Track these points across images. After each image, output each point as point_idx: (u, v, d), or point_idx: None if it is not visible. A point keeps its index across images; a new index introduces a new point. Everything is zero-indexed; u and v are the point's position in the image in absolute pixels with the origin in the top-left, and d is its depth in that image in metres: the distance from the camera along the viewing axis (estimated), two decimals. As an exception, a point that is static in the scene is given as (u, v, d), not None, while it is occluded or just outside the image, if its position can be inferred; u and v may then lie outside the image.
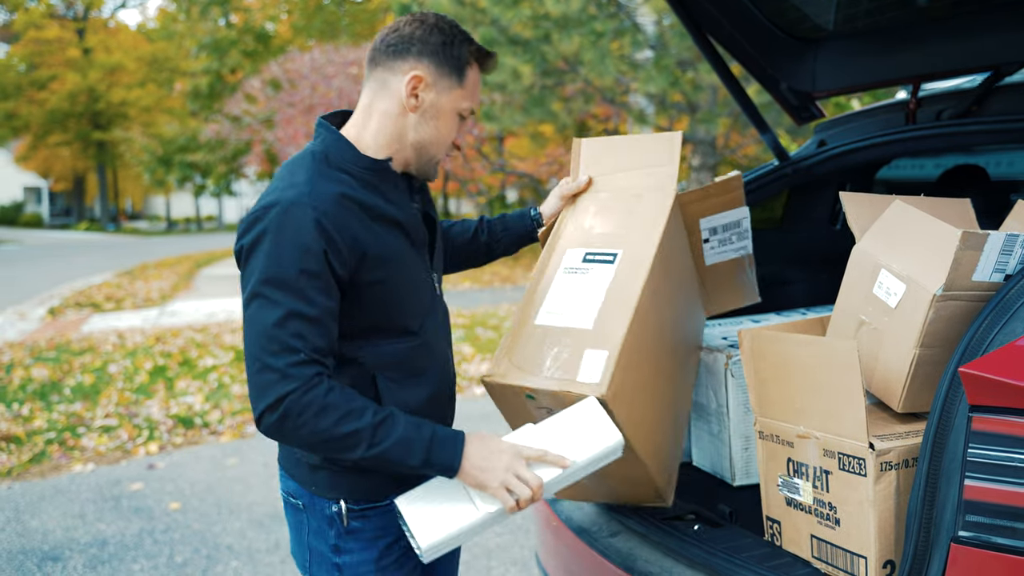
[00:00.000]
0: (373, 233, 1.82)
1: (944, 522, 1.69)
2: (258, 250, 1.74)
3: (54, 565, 4.30)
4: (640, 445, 2.07)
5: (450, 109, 1.92)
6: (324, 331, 1.74)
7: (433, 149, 1.93)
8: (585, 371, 1.94)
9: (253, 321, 1.72)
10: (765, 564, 2.08)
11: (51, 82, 41.79)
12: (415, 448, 1.75)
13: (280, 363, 1.68)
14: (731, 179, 2.39)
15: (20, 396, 7.63)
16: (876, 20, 2.85)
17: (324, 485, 1.92)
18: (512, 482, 1.77)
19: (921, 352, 1.96)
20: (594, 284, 2.11)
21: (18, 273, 19.99)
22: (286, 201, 1.74)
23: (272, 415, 1.69)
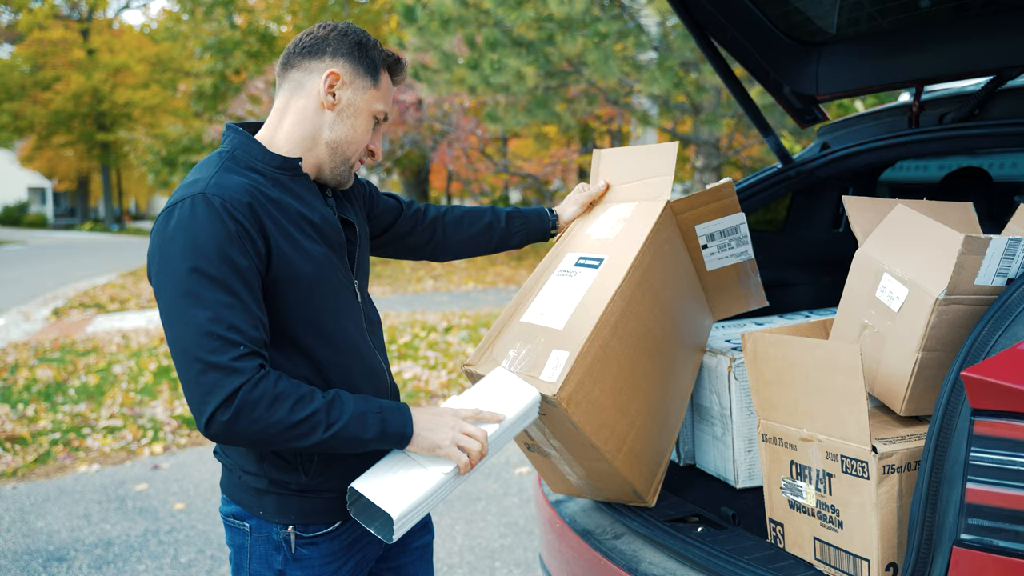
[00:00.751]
0: (283, 230, 1.78)
1: (946, 525, 1.70)
2: (171, 246, 1.68)
3: (59, 565, 4.31)
4: (604, 443, 2.13)
5: (366, 109, 1.91)
6: (256, 321, 1.70)
7: (348, 149, 1.92)
8: (548, 369, 2.01)
9: (183, 322, 1.65)
10: (768, 566, 2.09)
11: (55, 83, 41.88)
12: (369, 421, 1.75)
13: (223, 359, 1.63)
14: (722, 186, 2.42)
15: (25, 397, 7.65)
16: (879, 23, 2.86)
17: (272, 510, 1.89)
18: (461, 438, 1.82)
19: (923, 356, 1.97)
20: (577, 287, 2.20)
21: (23, 274, 20.03)
22: (191, 196, 1.71)
23: (225, 414, 1.63)
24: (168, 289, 1.68)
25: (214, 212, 1.68)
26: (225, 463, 1.95)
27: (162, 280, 1.70)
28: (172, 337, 1.68)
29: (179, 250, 1.67)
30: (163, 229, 1.71)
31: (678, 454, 2.85)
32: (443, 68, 11.57)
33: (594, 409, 2.08)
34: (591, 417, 2.08)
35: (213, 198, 1.70)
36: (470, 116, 17.81)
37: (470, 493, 5.20)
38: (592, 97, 12.34)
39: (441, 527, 4.66)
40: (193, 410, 1.66)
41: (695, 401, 2.75)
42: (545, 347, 2.07)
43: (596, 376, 2.07)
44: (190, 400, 1.66)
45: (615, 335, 2.13)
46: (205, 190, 1.71)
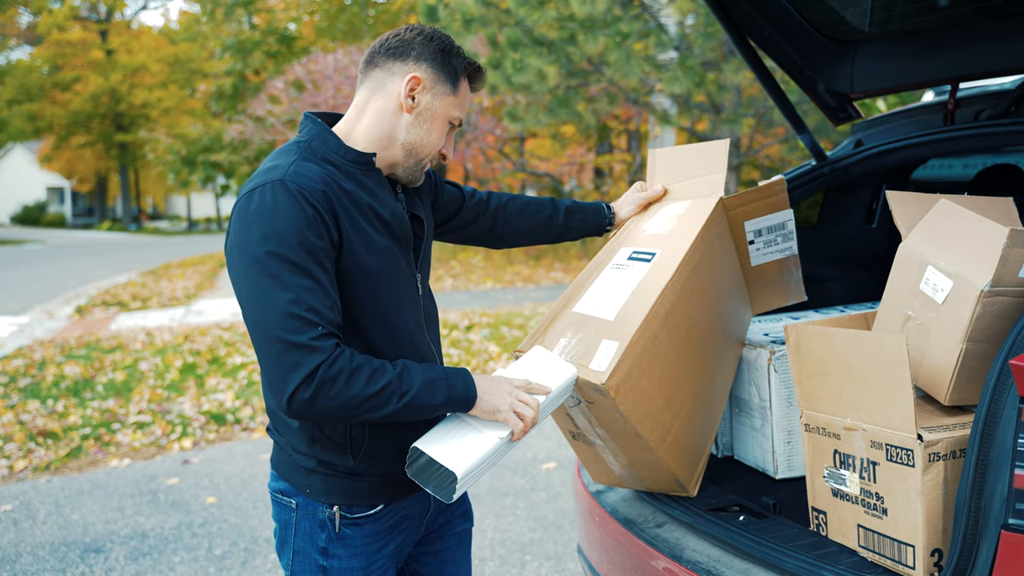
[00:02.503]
0: (354, 222, 1.84)
1: (993, 511, 1.74)
2: (252, 230, 1.75)
3: (96, 557, 4.38)
4: (650, 433, 2.18)
5: (443, 115, 1.97)
6: (332, 303, 1.76)
7: (422, 151, 1.98)
8: (598, 359, 2.07)
9: (264, 304, 1.72)
10: (812, 553, 2.13)
11: (74, 83, 42.19)
12: (437, 387, 1.82)
13: (304, 339, 1.69)
14: (774, 183, 2.46)
15: (54, 393, 7.74)
16: (913, 22, 2.89)
17: (319, 490, 1.96)
18: (518, 405, 1.88)
19: (968, 347, 2.01)
20: (629, 280, 2.24)
21: (43, 272, 20.18)
22: (270, 182, 1.78)
23: (306, 391, 1.68)
24: (249, 272, 1.74)
25: (292, 198, 1.75)
26: (277, 440, 2.01)
27: (243, 264, 1.76)
28: (252, 319, 1.74)
29: (259, 235, 1.73)
30: (243, 214, 1.78)
31: (716, 446, 2.89)
32: (464, 68, 11.58)
33: (641, 399, 2.13)
34: (638, 407, 2.12)
35: (291, 185, 1.76)
36: (488, 115, 17.87)
37: (498, 488, 5.25)
38: (613, 96, 12.36)
39: (471, 521, 4.71)
40: (274, 389, 1.72)
41: (734, 393, 2.79)
42: (596, 337, 2.12)
43: (644, 367, 2.12)
44: (271, 380, 1.72)
45: (664, 327, 2.18)
46: (284, 177, 1.77)
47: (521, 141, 21.56)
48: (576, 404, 2.20)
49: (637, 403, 2.12)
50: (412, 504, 2.07)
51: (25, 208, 53.34)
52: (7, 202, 54.23)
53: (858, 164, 3.18)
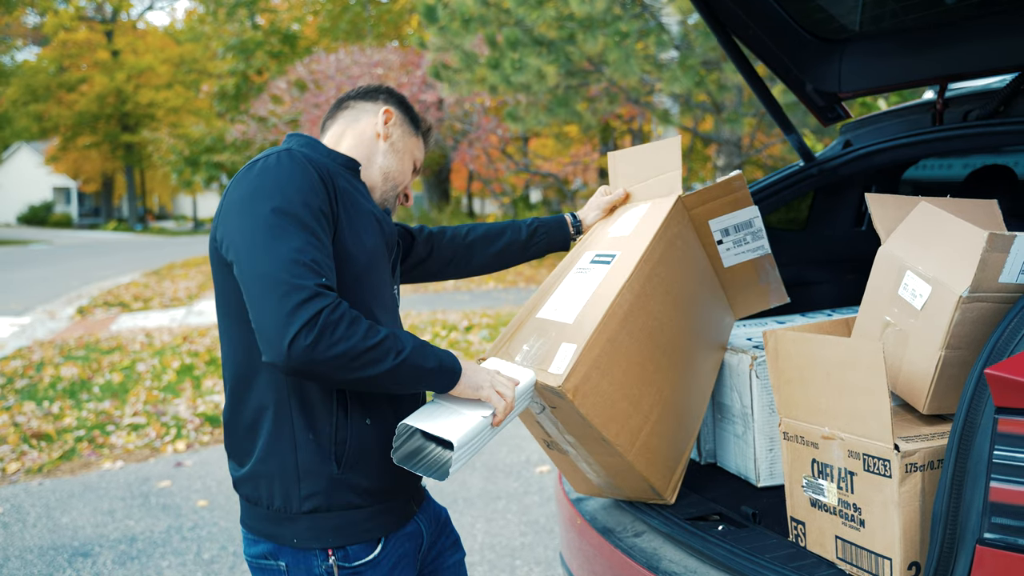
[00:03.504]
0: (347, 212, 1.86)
1: (970, 524, 1.69)
2: (258, 192, 1.74)
3: (84, 561, 4.35)
4: (616, 437, 2.14)
5: (410, 152, 2.14)
6: (332, 267, 1.74)
7: (396, 179, 2.10)
8: (556, 362, 2.04)
9: (267, 252, 1.68)
10: (789, 565, 2.08)
11: (80, 84, 42.30)
12: (427, 351, 1.79)
13: (309, 283, 1.64)
14: (733, 179, 2.42)
15: (50, 394, 7.73)
16: (902, 20, 2.84)
17: (307, 534, 1.85)
18: (500, 386, 1.90)
19: (947, 354, 1.96)
20: (590, 283, 2.23)
21: (48, 273, 20.21)
22: (276, 152, 1.82)
23: (308, 335, 1.61)
24: (251, 227, 1.72)
25: (298, 164, 1.79)
26: (248, 493, 1.90)
27: (245, 219, 1.73)
28: (253, 268, 1.69)
29: (265, 194, 1.74)
30: (245, 177, 1.79)
31: (699, 453, 2.85)
32: (464, 67, 11.57)
33: (603, 402, 2.09)
34: (600, 410, 2.09)
35: (297, 154, 1.81)
36: (491, 116, 17.84)
37: (491, 491, 5.21)
38: (613, 96, 12.30)
39: (461, 525, 4.67)
40: (272, 337, 1.64)
41: (716, 399, 2.75)
42: (555, 341, 2.10)
43: (604, 368, 2.09)
44: (269, 327, 1.64)
45: (624, 328, 2.14)
46: (289, 150, 1.82)
47: (524, 141, 21.53)
48: (542, 411, 2.16)
49: (599, 406, 2.08)
50: (406, 541, 2.00)
51: (31, 208, 53.49)
52: (14, 202, 54.40)
53: (846, 165, 3.13)
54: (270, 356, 1.65)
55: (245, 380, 1.87)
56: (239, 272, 1.72)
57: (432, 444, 1.85)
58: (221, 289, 1.86)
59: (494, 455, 5.91)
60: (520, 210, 21.31)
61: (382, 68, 18.43)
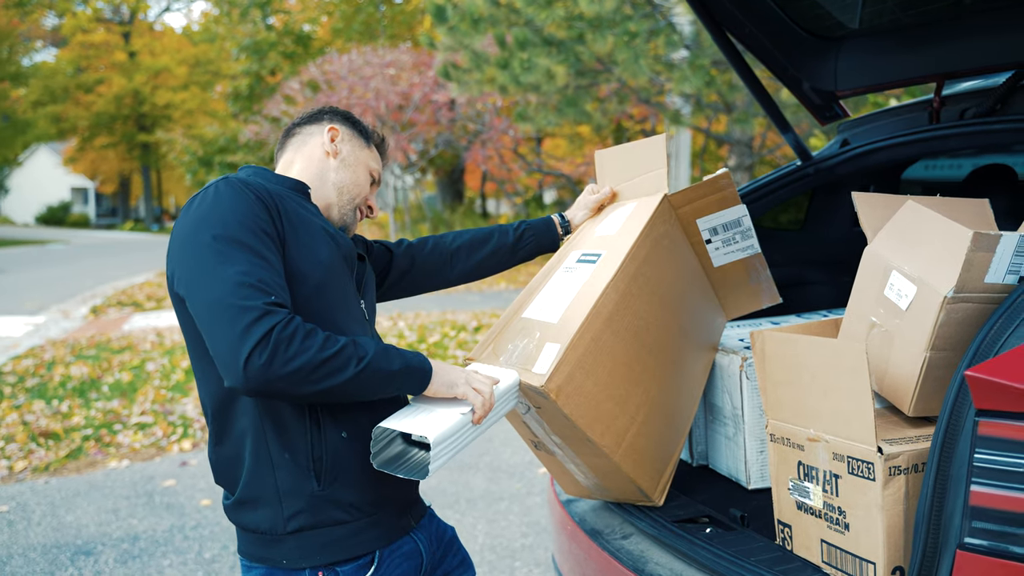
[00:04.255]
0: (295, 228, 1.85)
1: (952, 528, 1.66)
2: (199, 227, 1.73)
3: (86, 559, 4.36)
4: (601, 438, 2.12)
5: (363, 163, 2.14)
6: (282, 283, 1.73)
7: (353, 191, 2.11)
8: (540, 362, 2.03)
9: (213, 279, 1.67)
10: (775, 568, 2.06)
11: (97, 85, 42.55)
12: (392, 355, 1.78)
13: (258, 303, 1.63)
14: (719, 176, 2.39)
15: (60, 393, 7.76)
16: (900, 18, 2.81)
17: (296, 554, 1.84)
18: (475, 383, 1.89)
19: (932, 355, 1.93)
20: (575, 282, 2.21)
21: (64, 272, 20.33)
22: (213, 183, 1.81)
23: (263, 353, 1.60)
24: (195, 257, 1.71)
25: (236, 189, 1.78)
26: (238, 519, 1.90)
27: (189, 252, 1.73)
28: (201, 298, 1.68)
29: (205, 224, 1.73)
30: (186, 212, 1.79)
31: (691, 454, 2.83)
32: (474, 68, 11.55)
33: (587, 402, 2.07)
34: (584, 410, 2.07)
35: (233, 181, 1.81)
36: (503, 116, 17.82)
37: (493, 492, 5.20)
38: (623, 96, 12.27)
39: (463, 526, 4.66)
40: (228, 361, 1.63)
41: (708, 400, 2.73)
42: (540, 341, 2.09)
43: (588, 368, 2.07)
44: (224, 351, 1.64)
45: (609, 327, 2.13)
46: (228, 176, 1.83)
47: (538, 142, 21.51)
48: (527, 411, 2.14)
49: (583, 406, 2.06)
50: (404, 561, 1.97)
51: (49, 208, 53.83)
52: (32, 203, 54.77)
53: (843, 164, 3.10)
54: (230, 380, 1.64)
55: (222, 412, 1.86)
56: (190, 305, 1.72)
57: (410, 445, 1.84)
58: (185, 327, 1.85)
59: (497, 456, 5.90)
60: (533, 210, 21.29)
61: (394, 68, 18.44)
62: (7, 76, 31.40)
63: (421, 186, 26.46)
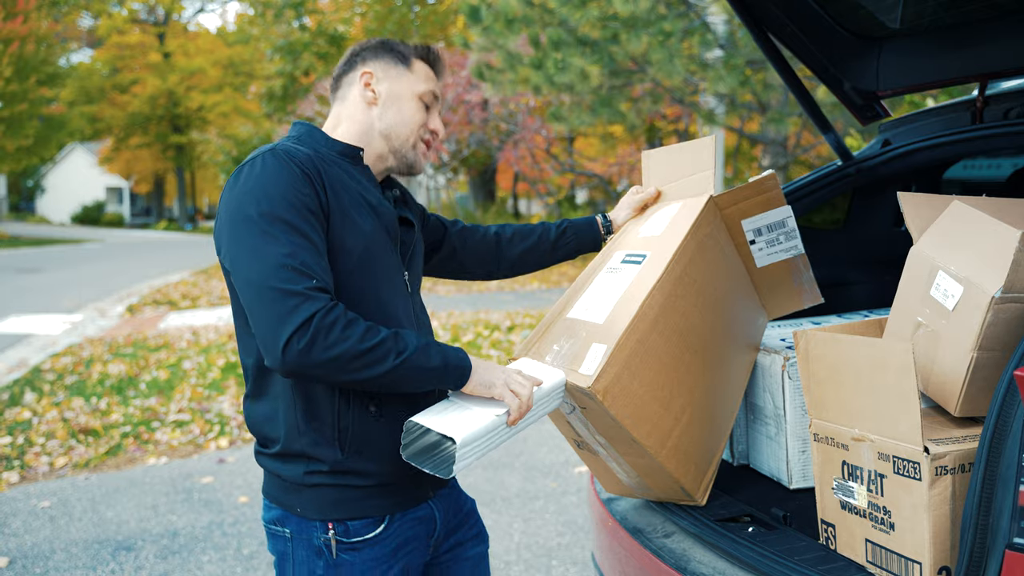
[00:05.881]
0: (339, 199, 1.86)
1: (1000, 528, 1.66)
2: (247, 195, 1.76)
3: (127, 555, 4.42)
4: (647, 438, 2.13)
5: (408, 94, 2.03)
6: (324, 264, 1.76)
7: (402, 132, 2.02)
8: (587, 363, 2.03)
9: (257, 258, 1.71)
10: (818, 567, 2.06)
11: (132, 85, 43.02)
12: (432, 351, 1.80)
13: (299, 287, 1.67)
14: (765, 178, 2.39)
15: (98, 391, 7.87)
16: (943, 17, 2.79)
17: (311, 505, 1.90)
18: (513, 383, 1.88)
19: (979, 355, 1.93)
20: (620, 283, 2.21)
21: (99, 271, 20.57)
22: (260, 153, 1.82)
23: (302, 339, 1.65)
24: (240, 233, 1.75)
25: (282, 163, 1.79)
26: (265, 463, 1.96)
27: (234, 227, 1.76)
28: (245, 275, 1.73)
29: (251, 199, 1.75)
30: (233, 185, 1.81)
31: (732, 454, 2.83)
32: (508, 68, 11.57)
33: (633, 403, 2.08)
34: (630, 411, 2.07)
35: (280, 153, 1.81)
36: (535, 116, 17.82)
37: (528, 491, 5.21)
38: (657, 96, 12.24)
39: (499, 525, 4.68)
40: (268, 342, 1.69)
41: (749, 400, 2.73)
42: (586, 341, 2.09)
43: (634, 370, 2.07)
44: (264, 332, 1.69)
45: (655, 329, 2.13)
46: (274, 149, 1.83)
47: (570, 142, 21.49)
48: (572, 411, 2.15)
49: (629, 407, 2.07)
50: (416, 525, 2.01)
51: (85, 208, 54.43)
52: (68, 202, 55.44)
53: (885, 164, 3.09)
54: (269, 361, 1.70)
55: (259, 374, 1.91)
56: (235, 279, 1.77)
57: (440, 441, 1.84)
58: (232, 291, 1.90)
59: (533, 455, 5.91)
60: (565, 210, 21.28)
61: (427, 69, 18.43)
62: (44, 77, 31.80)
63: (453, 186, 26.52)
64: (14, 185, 58.49)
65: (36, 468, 5.87)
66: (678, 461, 2.25)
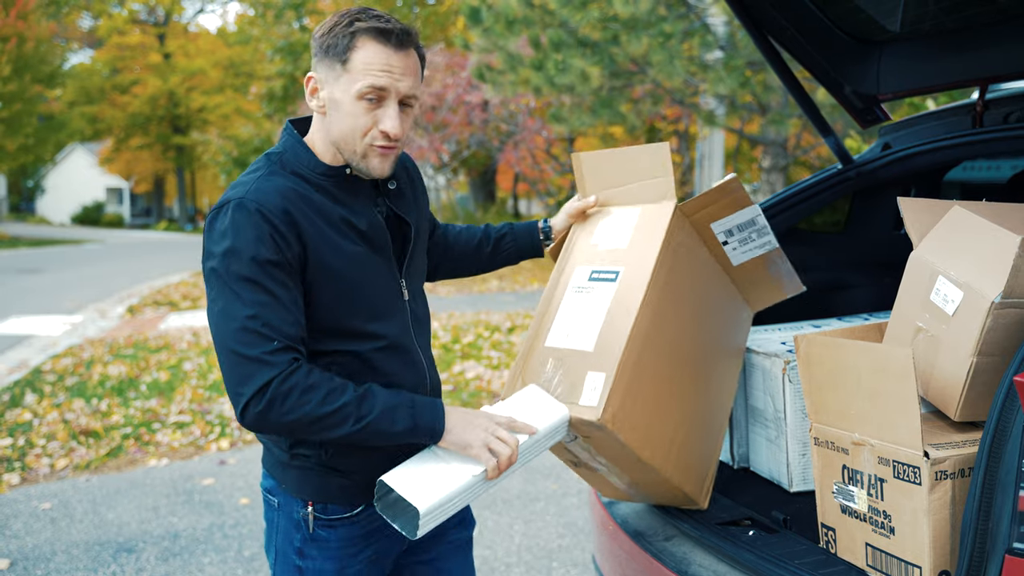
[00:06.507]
0: (320, 231, 1.84)
1: (1000, 533, 1.67)
2: (218, 245, 1.79)
3: (128, 556, 4.43)
4: (652, 456, 2.14)
5: (346, 97, 1.83)
6: (292, 319, 1.78)
7: (350, 140, 1.87)
8: (587, 394, 2.01)
9: (223, 318, 1.76)
10: (818, 571, 2.07)
11: (133, 86, 43.03)
12: (400, 414, 1.81)
13: (255, 352, 1.73)
14: (729, 182, 2.34)
15: (99, 392, 7.87)
16: (943, 21, 2.80)
17: (293, 485, 1.98)
18: (493, 441, 1.85)
19: (979, 360, 1.94)
20: (597, 304, 2.16)
21: (100, 272, 20.56)
22: (232, 200, 1.81)
23: (258, 404, 1.72)
24: (211, 285, 1.80)
25: (250, 217, 1.78)
26: (263, 441, 2.05)
27: (208, 278, 1.82)
28: (213, 332, 1.80)
29: (221, 251, 1.78)
30: (210, 230, 1.83)
31: (732, 457, 2.84)
32: (508, 69, 11.56)
33: (638, 425, 2.08)
34: (637, 433, 2.08)
35: (250, 204, 1.79)
36: (536, 117, 17.82)
37: (529, 493, 5.22)
38: (657, 97, 12.24)
39: (499, 526, 4.69)
40: (231, 399, 1.77)
41: (749, 403, 2.73)
42: (580, 370, 2.06)
43: (635, 393, 2.07)
44: (228, 390, 1.77)
45: (647, 348, 2.11)
46: (245, 196, 1.81)
47: (570, 142, 21.50)
48: (573, 440, 2.13)
49: (635, 430, 2.07)
50: None
51: (85, 208, 54.38)
52: (68, 203, 55.38)
53: (885, 167, 3.10)
54: (236, 415, 1.77)
55: None
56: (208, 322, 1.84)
57: (407, 504, 1.85)
58: None
59: (533, 456, 5.91)
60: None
61: (428, 69, 18.49)
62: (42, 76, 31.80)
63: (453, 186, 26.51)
64: (14, 185, 58.47)
65: (37, 470, 5.87)
66: (681, 471, 2.25)
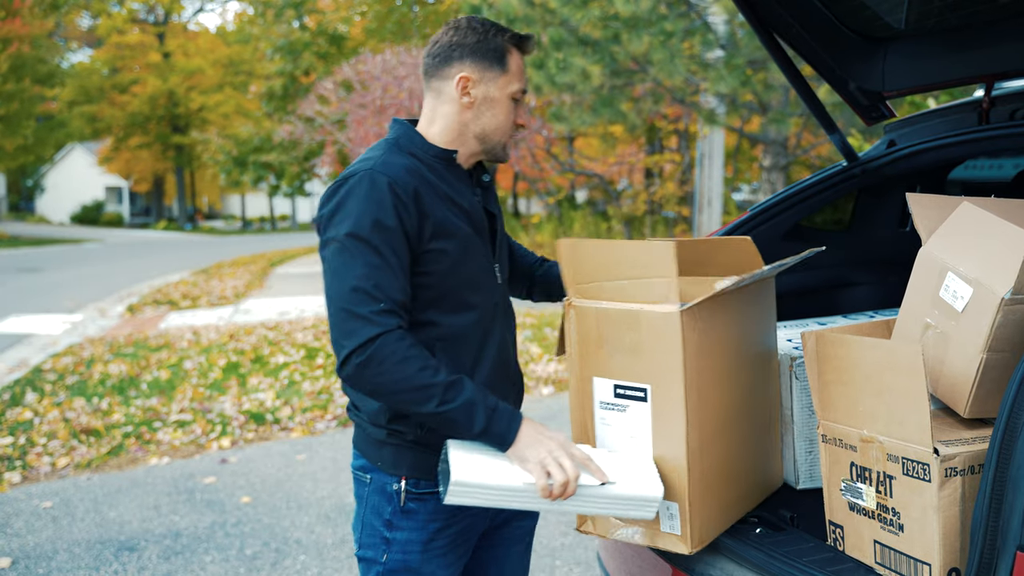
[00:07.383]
0: (437, 206, 1.98)
1: (1011, 530, 1.66)
2: (339, 212, 1.91)
3: (130, 555, 4.42)
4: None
5: (502, 96, 2.07)
6: (400, 285, 1.89)
7: (496, 135, 2.10)
8: (664, 520, 2.10)
9: (337, 277, 1.88)
10: (827, 569, 2.06)
11: (132, 85, 43.00)
12: (478, 413, 1.87)
13: (364, 310, 1.83)
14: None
15: (100, 391, 7.86)
16: (949, 18, 2.79)
17: (389, 462, 2.06)
18: (551, 464, 1.86)
19: (988, 357, 1.93)
20: (637, 425, 2.08)
21: (99, 271, 20.56)
22: (361, 171, 1.93)
23: (359, 357, 1.82)
24: (330, 248, 1.92)
25: (378, 185, 1.90)
26: (355, 419, 2.13)
27: (327, 240, 1.94)
28: (327, 290, 1.91)
29: (343, 216, 1.91)
30: (332, 196, 1.95)
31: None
32: (509, 68, 11.54)
33: (707, 523, 2.15)
34: (712, 524, 2.18)
35: (379, 175, 1.92)
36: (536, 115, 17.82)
37: (531, 491, 5.20)
38: (658, 96, 12.23)
39: (502, 525, 4.68)
40: (336, 353, 1.87)
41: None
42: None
43: (708, 501, 2.11)
44: (334, 344, 1.88)
45: (704, 457, 2.09)
46: (374, 167, 1.94)
47: (570, 141, 21.48)
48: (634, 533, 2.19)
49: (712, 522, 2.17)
50: None
51: (84, 208, 54.33)
52: (67, 202, 55.34)
53: (890, 165, 3.08)
54: (336, 367, 1.87)
55: None
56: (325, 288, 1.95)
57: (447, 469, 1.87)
58: None
59: (535, 455, 5.90)
60: (565, 210, 21.25)
61: (427, 69, 18.42)
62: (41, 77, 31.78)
63: (452, 186, 26.46)
64: (14, 185, 58.46)
65: (38, 468, 5.87)
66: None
